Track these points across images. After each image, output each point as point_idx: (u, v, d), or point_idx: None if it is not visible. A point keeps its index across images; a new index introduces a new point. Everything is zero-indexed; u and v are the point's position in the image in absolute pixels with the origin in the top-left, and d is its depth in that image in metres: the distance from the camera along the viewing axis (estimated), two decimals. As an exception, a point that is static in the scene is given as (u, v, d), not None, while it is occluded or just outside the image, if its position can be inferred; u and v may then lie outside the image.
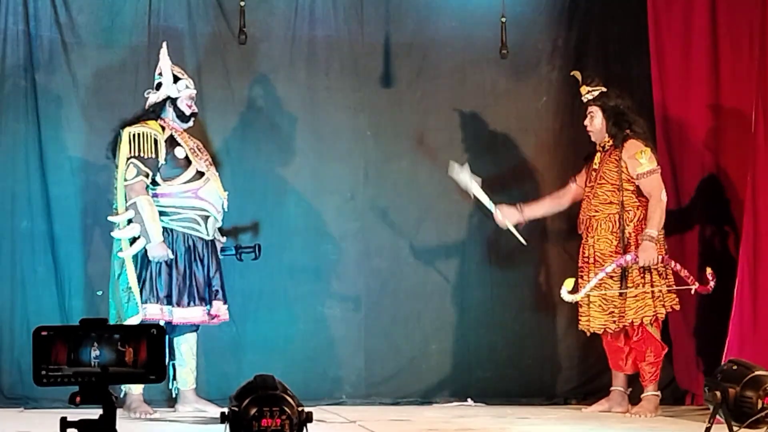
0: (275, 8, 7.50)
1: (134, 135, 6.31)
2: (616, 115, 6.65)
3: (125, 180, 6.26)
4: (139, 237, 6.22)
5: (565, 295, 6.48)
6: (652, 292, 6.51)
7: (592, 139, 6.77)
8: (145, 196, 6.26)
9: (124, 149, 6.29)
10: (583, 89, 6.76)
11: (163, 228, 6.28)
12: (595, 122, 6.71)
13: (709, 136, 7.29)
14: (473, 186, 6.90)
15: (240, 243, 6.99)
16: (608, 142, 6.67)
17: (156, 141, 6.34)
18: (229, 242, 6.86)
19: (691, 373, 7.16)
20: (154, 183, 6.34)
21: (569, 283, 6.48)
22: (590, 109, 6.73)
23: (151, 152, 6.30)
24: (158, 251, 6.23)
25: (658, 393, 6.68)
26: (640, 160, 6.54)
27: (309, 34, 7.50)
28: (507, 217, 6.89)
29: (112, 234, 6.30)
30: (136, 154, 6.27)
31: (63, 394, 2.77)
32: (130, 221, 6.22)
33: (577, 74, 6.86)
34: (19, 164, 7.09)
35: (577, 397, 7.46)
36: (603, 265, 6.52)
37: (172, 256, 6.28)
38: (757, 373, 4.01)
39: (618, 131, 6.63)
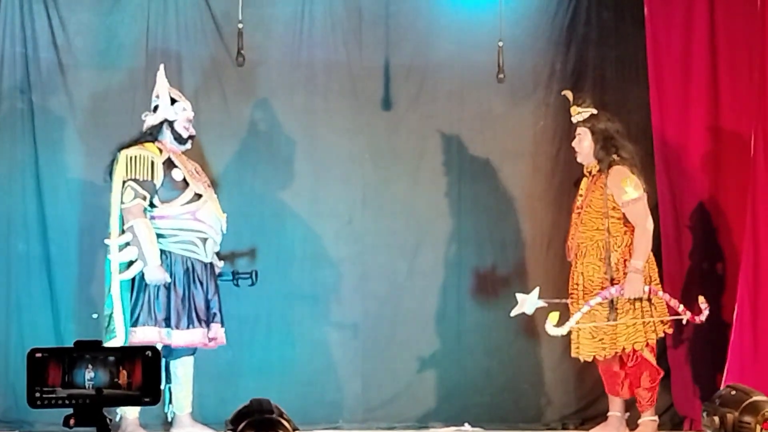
0: (273, 31, 7.49)
1: (131, 157, 6.28)
2: (605, 139, 6.55)
3: (122, 202, 6.22)
4: (136, 260, 6.19)
5: (551, 328, 6.37)
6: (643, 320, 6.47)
7: (578, 160, 6.69)
8: (143, 218, 6.21)
9: (120, 171, 6.25)
10: (573, 110, 6.70)
11: (161, 250, 6.23)
12: (584, 144, 6.62)
13: (707, 160, 7.27)
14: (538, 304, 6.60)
15: (237, 268, 6.95)
16: (595, 166, 6.59)
17: (153, 163, 6.29)
18: (226, 267, 6.82)
19: (689, 398, 7.12)
20: (152, 205, 6.30)
21: (554, 317, 6.36)
22: (579, 130, 6.64)
23: (148, 174, 6.26)
24: (156, 274, 6.18)
25: (656, 418, 6.64)
26: (626, 188, 6.44)
27: (307, 58, 7.49)
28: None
29: (109, 257, 6.26)
30: (133, 177, 6.24)
31: (57, 418, 2.75)
32: (127, 244, 6.19)
33: (569, 94, 6.79)
34: (16, 186, 7.09)
35: (574, 423, 7.40)
36: (591, 293, 6.45)
37: (169, 280, 6.23)
38: (755, 398, 3.97)
39: (605, 155, 6.52)
